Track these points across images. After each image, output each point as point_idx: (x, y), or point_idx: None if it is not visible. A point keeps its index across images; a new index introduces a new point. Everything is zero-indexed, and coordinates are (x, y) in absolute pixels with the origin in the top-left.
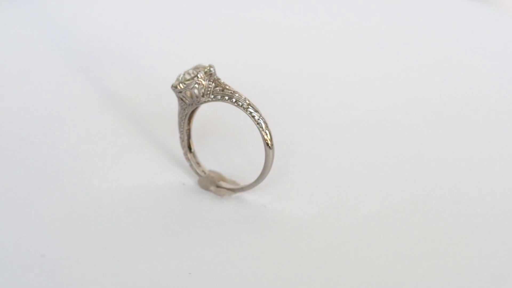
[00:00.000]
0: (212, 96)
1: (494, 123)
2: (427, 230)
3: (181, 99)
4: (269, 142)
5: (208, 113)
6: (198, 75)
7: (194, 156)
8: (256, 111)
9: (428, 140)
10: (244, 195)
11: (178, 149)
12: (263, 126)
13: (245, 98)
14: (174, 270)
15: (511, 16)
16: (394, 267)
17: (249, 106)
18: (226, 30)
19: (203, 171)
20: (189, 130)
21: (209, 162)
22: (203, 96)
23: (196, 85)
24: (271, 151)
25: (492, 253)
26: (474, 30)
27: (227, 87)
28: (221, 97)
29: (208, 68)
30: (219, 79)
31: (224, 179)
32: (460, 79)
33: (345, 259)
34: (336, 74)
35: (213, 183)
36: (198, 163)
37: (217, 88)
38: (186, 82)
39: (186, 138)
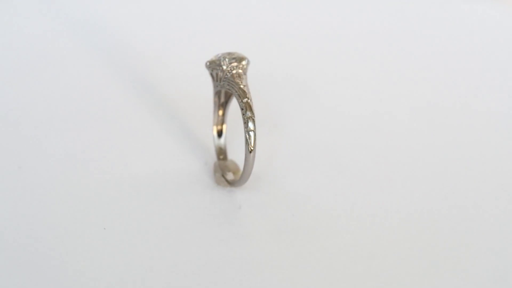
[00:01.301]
0: (222, 84)
1: (496, 123)
2: (419, 238)
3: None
4: (250, 144)
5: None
6: (222, 61)
7: (221, 141)
8: (250, 111)
9: (427, 143)
10: (237, 190)
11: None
12: (249, 127)
13: (247, 94)
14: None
15: None
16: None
17: (246, 105)
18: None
19: (222, 157)
20: (223, 115)
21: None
22: (218, 80)
23: (218, 69)
24: (250, 154)
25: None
26: (482, 27)
27: (238, 81)
28: (227, 88)
29: (239, 58)
30: (240, 72)
31: (237, 172)
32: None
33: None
34: (349, 77)
35: (220, 171)
36: (221, 148)
37: (231, 79)
38: (212, 63)
39: (217, 120)
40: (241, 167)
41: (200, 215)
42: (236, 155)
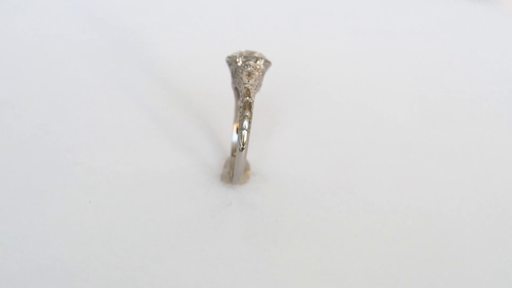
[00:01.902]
0: (233, 80)
1: (496, 123)
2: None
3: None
4: (241, 143)
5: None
6: (237, 57)
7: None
8: (249, 110)
9: (429, 143)
10: (236, 187)
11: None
12: (243, 125)
13: (250, 93)
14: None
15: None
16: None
17: (246, 104)
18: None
19: (234, 154)
20: None
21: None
22: (233, 76)
23: (234, 65)
24: (241, 153)
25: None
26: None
27: (246, 79)
28: (237, 84)
29: (255, 58)
30: (251, 70)
31: (246, 169)
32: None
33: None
34: (354, 79)
35: (229, 167)
36: None
37: (241, 76)
38: (230, 59)
39: (237, 117)
40: (251, 166)
41: (187, 205)
42: (253, 153)
